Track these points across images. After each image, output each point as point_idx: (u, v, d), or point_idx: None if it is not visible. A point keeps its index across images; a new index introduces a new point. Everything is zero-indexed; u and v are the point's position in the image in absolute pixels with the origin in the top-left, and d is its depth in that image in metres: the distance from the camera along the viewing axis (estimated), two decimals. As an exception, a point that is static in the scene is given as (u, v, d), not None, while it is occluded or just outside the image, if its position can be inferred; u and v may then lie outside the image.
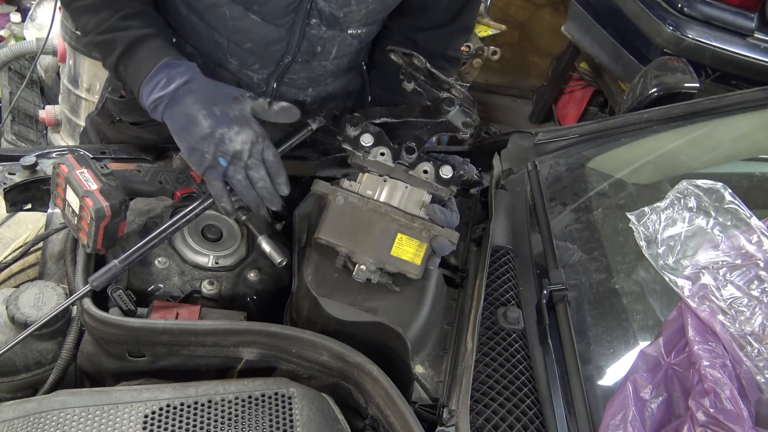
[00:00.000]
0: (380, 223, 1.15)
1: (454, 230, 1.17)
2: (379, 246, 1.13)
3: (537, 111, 4.09)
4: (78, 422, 0.89)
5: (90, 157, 1.14)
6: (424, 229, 1.15)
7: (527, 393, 1.03)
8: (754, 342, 0.92)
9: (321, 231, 1.14)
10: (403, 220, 1.15)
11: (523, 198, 1.43)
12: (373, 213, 1.16)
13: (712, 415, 0.86)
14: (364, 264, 1.12)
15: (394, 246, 1.13)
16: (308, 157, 1.49)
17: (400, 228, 1.15)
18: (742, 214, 1.07)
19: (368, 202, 1.16)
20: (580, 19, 3.32)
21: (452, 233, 1.16)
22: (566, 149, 1.59)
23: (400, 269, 1.13)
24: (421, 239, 1.14)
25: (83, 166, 1.09)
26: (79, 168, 1.08)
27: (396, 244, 1.13)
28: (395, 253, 1.12)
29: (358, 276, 1.12)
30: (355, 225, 1.14)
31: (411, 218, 1.16)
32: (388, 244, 1.13)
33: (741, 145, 1.67)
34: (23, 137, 2.64)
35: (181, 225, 1.14)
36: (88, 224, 1.07)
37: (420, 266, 1.12)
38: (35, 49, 2.46)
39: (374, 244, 1.13)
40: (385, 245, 1.13)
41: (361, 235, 1.14)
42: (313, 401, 0.98)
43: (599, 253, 1.27)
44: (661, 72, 1.71)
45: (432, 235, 1.14)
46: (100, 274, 1.06)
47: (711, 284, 0.99)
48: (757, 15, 2.88)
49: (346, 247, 1.13)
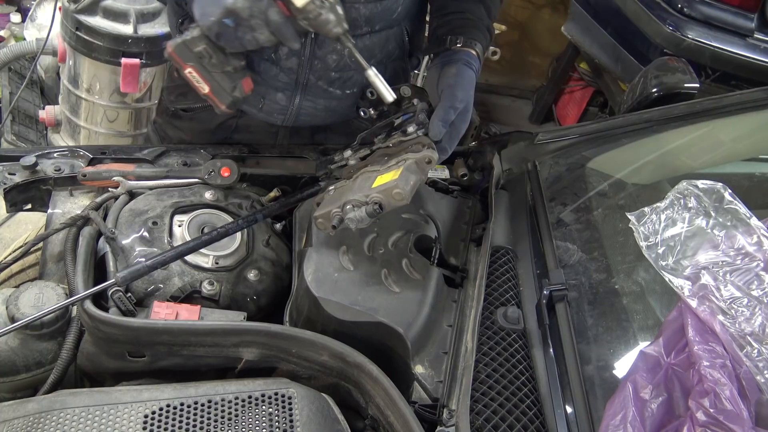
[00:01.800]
0: (360, 178, 1.20)
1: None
2: (361, 188, 1.15)
3: (537, 111, 4.10)
4: (78, 422, 0.89)
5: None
6: (399, 161, 1.17)
7: (527, 393, 1.03)
8: (754, 342, 0.92)
9: (317, 211, 1.19)
10: (381, 168, 1.19)
11: (523, 198, 1.43)
12: (354, 179, 1.22)
13: (712, 415, 0.86)
14: (350, 204, 1.13)
15: (374, 183, 1.14)
16: (308, 157, 1.49)
17: (379, 172, 1.18)
18: (742, 214, 1.07)
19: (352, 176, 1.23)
20: (580, 19, 3.32)
21: (429, 151, 1.16)
22: (566, 149, 1.59)
23: (384, 192, 1.10)
24: (397, 168, 1.15)
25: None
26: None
27: (376, 182, 1.15)
28: (375, 185, 1.14)
29: (350, 220, 1.11)
30: (342, 192, 1.20)
31: (386, 163, 1.19)
32: (369, 185, 1.15)
33: (741, 145, 1.67)
34: (23, 137, 2.63)
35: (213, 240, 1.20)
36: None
37: (398, 180, 1.10)
38: (35, 49, 2.46)
39: (357, 189, 1.16)
40: (367, 186, 1.15)
41: (347, 192, 1.17)
42: (313, 401, 0.98)
43: (599, 253, 1.27)
44: (661, 72, 1.71)
45: (409, 161, 1.15)
46: (128, 271, 1.09)
47: (711, 284, 0.99)
48: (757, 15, 2.88)
49: (336, 207, 1.14)
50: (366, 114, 1.33)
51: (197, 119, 1.56)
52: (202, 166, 1.39)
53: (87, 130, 2.41)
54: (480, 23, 1.37)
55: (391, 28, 1.40)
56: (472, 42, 1.33)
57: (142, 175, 1.37)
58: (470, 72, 1.30)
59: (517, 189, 1.45)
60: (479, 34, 1.35)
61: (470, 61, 1.31)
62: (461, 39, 1.32)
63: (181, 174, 1.39)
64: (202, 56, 1.14)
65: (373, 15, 1.32)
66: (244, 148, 1.50)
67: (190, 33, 1.14)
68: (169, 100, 1.59)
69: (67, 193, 1.37)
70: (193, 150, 1.46)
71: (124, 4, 2.11)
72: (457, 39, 1.33)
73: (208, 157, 1.44)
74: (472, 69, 1.30)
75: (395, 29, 1.41)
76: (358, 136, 1.31)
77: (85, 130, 2.41)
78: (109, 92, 2.28)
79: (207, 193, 1.36)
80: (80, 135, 2.44)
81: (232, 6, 1.05)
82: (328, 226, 1.16)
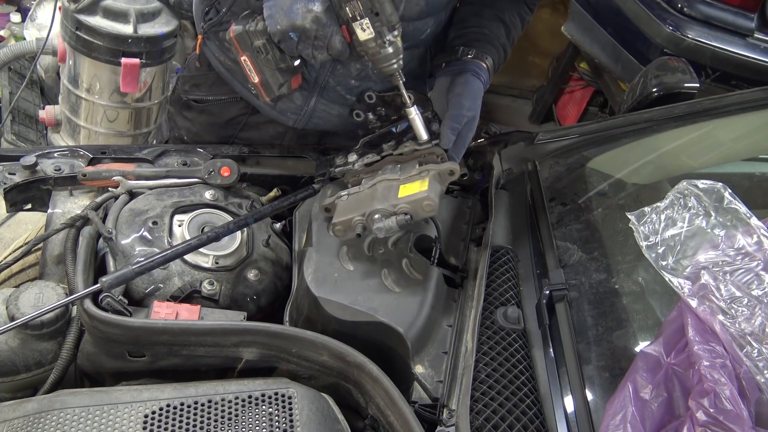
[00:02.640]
0: (381, 187, 1.20)
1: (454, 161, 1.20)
2: (386, 198, 1.16)
3: (537, 111, 4.09)
4: (78, 422, 0.89)
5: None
6: (422, 171, 1.19)
7: (527, 393, 1.03)
8: (754, 342, 0.92)
9: (335, 218, 1.18)
10: (402, 177, 1.20)
11: (523, 198, 1.43)
12: (373, 187, 1.21)
13: (712, 415, 0.85)
14: (378, 213, 1.14)
15: (399, 193, 1.16)
16: (308, 157, 1.49)
17: (401, 182, 1.19)
18: (742, 214, 1.07)
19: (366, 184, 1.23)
20: (580, 19, 3.31)
21: (451, 164, 1.19)
22: (566, 149, 1.59)
23: (412, 203, 1.13)
24: (422, 179, 1.17)
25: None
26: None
27: (401, 192, 1.16)
28: (402, 194, 1.15)
29: (378, 230, 1.13)
30: (362, 200, 1.19)
31: (407, 173, 1.20)
32: (394, 194, 1.16)
33: (741, 145, 1.67)
34: (23, 137, 2.63)
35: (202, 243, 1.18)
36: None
37: (428, 191, 1.13)
38: (35, 49, 2.46)
39: (381, 198, 1.16)
40: (392, 195, 1.16)
41: (369, 201, 1.18)
42: (313, 401, 0.98)
43: (599, 253, 1.27)
44: (661, 72, 1.71)
45: (432, 172, 1.18)
46: (113, 276, 1.07)
47: (711, 284, 0.99)
48: (757, 15, 2.87)
49: (359, 215, 1.15)
50: (360, 117, 1.34)
51: (207, 112, 1.57)
52: (202, 166, 1.39)
53: (87, 130, 2.41)
54: (495, 40, 1.38)
55: (417, 48, 1.42)
56: (484, 55, 1.35)
57: (142, 175, 1.37)
58: (478, 83, 1.31)
59: (517, 189, 1.45)
60: (492, 49, 1.37)
61: (479, 72, 1.32)
62: (473, 51, 1.35)
63: (181, 174, 1.39)
64: (259, 51, 1.17)
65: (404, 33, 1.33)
66: (244, 148, 1.50)
67: (255, 25, 1.16)
68: (183, 89, 1.60)
69: (67, 193, 1.37)
70: (193, 150, 1.46)
71: (124, 4, 2.11)
72: (470, 51, 1.35)
73: (208, 156, 1.44)
74: (480, 80, 1.32)
75: (420, 49, 1.44)
76: (361, 141, 1.31)
77: (85, 130, 2.41)
78: (109, 92, 2.27)
79: (207, 192, 1.36)
80: (80, 135, 2.44)
81: (300, 25, 1.09)
82: (350, 234, 1.17)
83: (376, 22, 1.10)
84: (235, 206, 1.36)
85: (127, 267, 1.09)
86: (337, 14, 1.11)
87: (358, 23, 1.10)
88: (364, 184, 1.25)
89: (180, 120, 1.64)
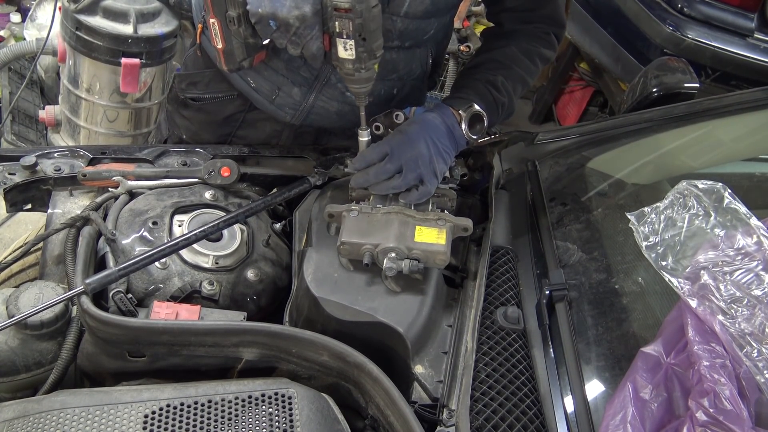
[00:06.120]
0: (397, 220, 1.18)
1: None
2: (402, 236, 1.15)
3: (537, 111, 4.09)
4: (78, 422, 0.89)
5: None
6: (440, 219, 1.19)
7: (527, 393, 1.03)
8: (753, 342, 0.92)
9: (343, 236, 1.15)
10: (418, 216, 1.19)
11: (523, 198, 1.43)
12: (387, 215, 1.19)
13: (712, 415, 0.85)
14: (393, 252, 1.13)
15: (416, 235, 1.15)
16: (308, 157, 1.49)
17: (417, 221, 1.18)
18: (742, 214, 1.07)
19: (381, 209, 1.21)
20: (580, 19, 3.31)
21: (466, 220, 1.19)
22: (566, 149, 1.59)
23: (428, 252, 1.13)
24: (439, 227, 1.17)
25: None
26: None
27: (417, 234, 1.16)
28: (419, 239, 1.15)
29: (389, 269, 1.11)
30: (374, 225, 1.18)
31: (424, 214, 1.20)
32: (410, 235, 1.15)
33: (741, 145, 1.67)
34: (23, 137, 2.63)
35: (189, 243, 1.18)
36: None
37: (445, 247, 1.14)
38: (35, 49, 2.46)
39: (396, 235, 1.15)
40: (408, 235, 1.15)
41: (382, 231, 1.16)
42: (313, 401, 0.98)
43: (599, 253, 1.27)
44: (661, 72, 1.71)
45: (448, 223, 1.18)
46: (96, 278, 1.07)
47: (710, 284, 0.99)
48: (757, 15, 2.88)
49: (370, 244, 1.14)
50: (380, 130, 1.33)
51: (205, 110, 1.57)
52: (202, 166, 1.39)
53: (87, 130, 2.41)
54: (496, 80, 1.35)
55: (419, 48, 1.42)
56: (459, 101, 1.30)
57: (142, 175, 1.37)
58: (432, 123, 1.26)
59: (517, 189, 1.45)
60: (476, 97, 1.32)
61: (443, 113, 1.28)
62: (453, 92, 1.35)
63: (180, 174, 1.39)
64: (231, 21, 1.12)
65: (407, 31, 1.33)
66: (244, 148, 1.50)
67: None
68: (180, 87, 1.60)
69: (67, 193, 1.37)
70: (193, 150, 1.46)
71: (124, 4, 2.11)
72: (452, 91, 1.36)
73: (208, 157, 1.44)
74: (436, 121, 1.26)
75: (422, 49, 1.43)
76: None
77: (85, 130, 2.41)
78: (109, 92, 2.28)
79: (207, 193, 1.36)
80: (80, 135, 2.44)
81: (283, 17, 1.06)
82: (355, 257, 1.16)
83: (360, 47, 1.08)
84: (235, 206, 1.35)
85: (110, 268, 1.09)
86: (324, 21, 1.08)
87: (343, 41, 1.07)
88: (374, 203, 1.22)
89: (178, 119, 1.64)
